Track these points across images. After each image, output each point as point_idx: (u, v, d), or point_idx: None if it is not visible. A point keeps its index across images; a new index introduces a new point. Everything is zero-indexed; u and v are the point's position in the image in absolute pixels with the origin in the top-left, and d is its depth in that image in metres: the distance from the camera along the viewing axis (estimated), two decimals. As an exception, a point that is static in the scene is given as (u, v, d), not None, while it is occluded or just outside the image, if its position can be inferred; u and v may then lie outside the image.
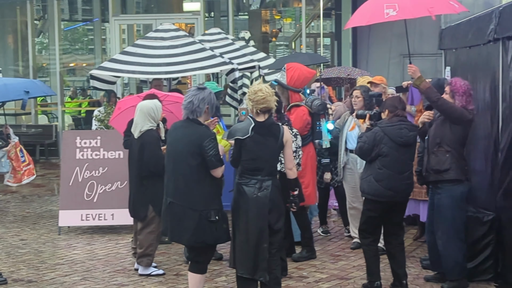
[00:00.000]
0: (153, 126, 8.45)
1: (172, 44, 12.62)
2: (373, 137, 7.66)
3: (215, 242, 7.06)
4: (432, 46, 18.04)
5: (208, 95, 6.96)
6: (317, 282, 8.25)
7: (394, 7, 8.01)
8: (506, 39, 8.00)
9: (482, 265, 8.14)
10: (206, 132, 6.89)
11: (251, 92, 6.98)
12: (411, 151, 7.79)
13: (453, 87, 7.92)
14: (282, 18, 24.91)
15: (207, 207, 6.84)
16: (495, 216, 8.09)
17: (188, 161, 6.82)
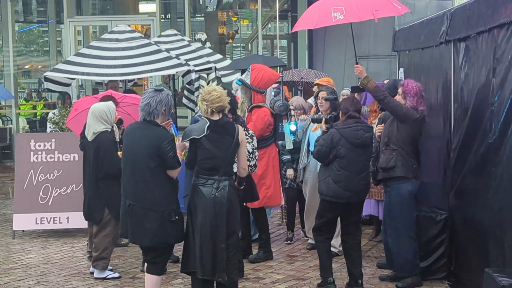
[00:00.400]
0: (107, 128, 8.41)
1: (128, 45, 12.57)
2: (330, 139, 7.70)
3: (176, 241, 7.03)
4: (386, 48, 18.21)
5: (166, 97, 6.95)
6: (274, 283, 8.27)
7: (341, 10, 8.10)
8: (457, 41, 8.13)
9: (436, 264, 8.23)
10: (164, 134, 6.89)
11: (205, 92, 6.99)
12: (367, 152, 7.86)
13: (405, 88, 8.00)
14: (238, 19, 24.92)
15: (167, 207, 6.84)
16: (448, 215, 8.20)
17: (148, 163, 6.80)
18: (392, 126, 8.04)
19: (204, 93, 6.99)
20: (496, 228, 6.77)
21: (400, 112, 7.89)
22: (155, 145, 6.77)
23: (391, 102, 7.91)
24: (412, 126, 7.92)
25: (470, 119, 7.59)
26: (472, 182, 7.50)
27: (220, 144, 6.95)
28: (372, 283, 8.22)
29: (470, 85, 7.67)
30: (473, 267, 7.59)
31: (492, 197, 6.87)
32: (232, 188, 7.02)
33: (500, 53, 6.70)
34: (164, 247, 6.97)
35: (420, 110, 7.92)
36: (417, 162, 8.00)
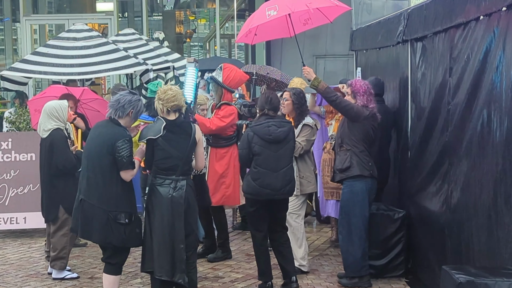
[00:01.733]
0: (58, 126, 8.31)
1: (85, 44, 12.54)
2: (246, 139, 7.65)
3: (123, 244, 6.95)
4: (343, 47, 18.34)
5: (136, 101, 6.93)
6: (233, 282, 8.28)
7: (275, 8, 8.27)
8: (414, 41, 8.22)
9: (394, 262, 8.29)
10: (121, 133, 6.85)
11: (161, 91, 6.98)
12: (285, 147, 7.71)
13: (354, 87, 8.08)
14: (196, 19, 24.90)
15: (116, 208, 6.80)
16: (405, 213, 8.28)
17: (100, 160, 6.80)
18: (344, 127, 8.12)
19: (159, 93, 6.98)
20: (453, 226, 6.86)
21: (351, 112, 7.94)
22: (109, 143, 6.77)
23: (342, 103, 7.97)
24: (363, 124, 7.97)
25: (427, 118, 7.68)
26: (429, 181, 7.57)
27: (176, 143, 6.94)
28: (331, 281, 8.26)
29: (427, 84, 7.76)
30: (430, 265, 7.68)
31: (449, 195, 6.95)
32: (189, 187, 7.01)
33: (456, 53, 6.79)
34: (111, 247, 6.94)
35: (370, 108, 7.98)
36: (372, 160, 8.07)
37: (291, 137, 7.78)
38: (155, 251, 6.91)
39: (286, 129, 7.70)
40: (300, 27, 9.00)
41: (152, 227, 6.94)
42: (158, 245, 6.90)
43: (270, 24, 8.70)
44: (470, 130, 6.43)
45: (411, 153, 8.26)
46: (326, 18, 9.05)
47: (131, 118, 6.99)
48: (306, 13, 8.68)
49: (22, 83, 12.69)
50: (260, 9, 8.65)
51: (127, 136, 6.84)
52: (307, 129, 8.36)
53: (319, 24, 9.20)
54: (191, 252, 7.10)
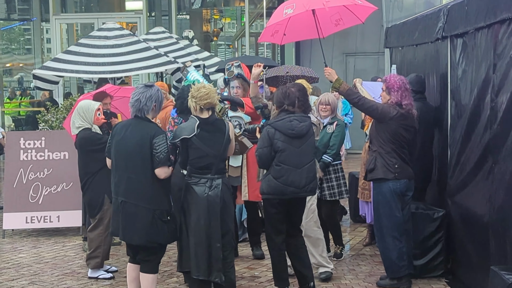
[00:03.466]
0: (84, 126, 8.23)
1: (116, 43, 12.51)
2: (266, 136, 7.34)
3: (166, 242, 6.96)
4: (373, 45, 18.31)
5: (156, 93, 6.87)
6: (270, 282, 8.17)
7: (292, 6, 8.18)
8: (454, 37, 8.09)
9: (433, 262, 8.18)
10: (157, 130, 6.83)
11: (194, 89, 6.90)
12: (307, 143, 7.40)
13: (388, 83, 7.87)
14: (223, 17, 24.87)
15: (159, 206, 6.78)
16: (444, 212, 8.15)
17: (141, 158, 6.74)
18: (372, 128, 8.00)
19: (193, 90, 6.91)
20: (497, 225, 6.73)
21: (376, 113, 7.78)
22: (147, 141, 6.72)
23: (365, 104, 7.81)
24: (390, 124, 7.74)
25: (468, 115, 7.54)
26: (471, 179, 7.45)
27: (211, 142, 6.88)
28: (369, 281, 8.16)
29: (468, 81, 7.63)
30: (472, 265, 7.56)
31: (493, 194, 6.83)
32: (225, 186, 6.95)
33: (501, 49, 6.65)
34: (154, 246, 6.89)
35: (404, 104, 7.76)
36: (401, 161, 7.83)
37: (312, 132, 7.51)
38: (192, 251, 6.85)
39: (308, 123, 7.42)
40: (331, 28, 8.89)
41: (188, 227, 6.89)
42: (195, 245, 6.83)
43: (300, 25, 8.64)
44: (516, 127, 6.31)
45: (451, 151, 8.13)
46: (358, 18, 8.95)
47: (156, 111, 6.96)
48: (337, 14, 8.57)
49: (54, 82, 12.70)
50: (279, 8, 8.58)
51: (163, 132, 6.81)
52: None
53: (350, 25, 9.07)
54: (228, 251, 7.03)
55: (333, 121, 8.87)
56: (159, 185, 6.80)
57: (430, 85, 8.95)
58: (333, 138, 8.80)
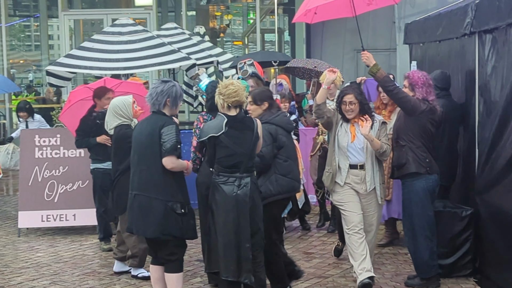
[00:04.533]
0: (124, 122, 8.11)
1: (130, 39, 12.35)
2: (269, 134, 7.18)
3: (182, 235, 6.78)
4: (385, 41, 18.16)
5: (169, 88, 6.77)
6: (296, 282, 8.03)
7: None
8: (482, 33, 7.94)
9: (461, 261, 8.05)
10: (168, 121, 6.74)
11: (222, 86, 6.76)
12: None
13: (411, 80, 7.76)
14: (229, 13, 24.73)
15: (172, 198, 6.67)
16: (473, 211, 8.02)
17: (152, 150, 6.68)
18: (400, 121, 7.85)
19: (221, 86, 6.76)
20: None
21: (408, 105, 7.63)
22: (156, 131, 6.67)
23: (400, 94, 7.64)
24: (420, 118, 7.66)
25: (501, 112, 7.38)
26: (504, 177, 7.30)
27: (240, 140, 6.73)
28: (397, 281, 8.03)
29: (499, 77, 7.48)
30: (502, 264, 7.43)
31: (528, 192, 6.70)
32: (254, 184, 6.80)
33: (538, 44, 6.52)
34: (168, 239, 6.76)
35: (430, 100, 7.69)
36: (430, 155, 7.77)
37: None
38: (221, 251, 6.71)
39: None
40: (364, 7, 8.69)
41: (217, 227, 6.74)
42: (224, 245, 6.69)
43: (332, 4, 8.48)
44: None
45: (480, 149, 7.99)
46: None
47: (171, 106, 6.83)
48: None
49: (66, 78, 12.54)
50: None
51: (172, 123, 6.70)
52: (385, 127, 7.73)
53: (384, 4, 8.96)
54: (258, 251, 6.89)
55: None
56: (171, 177, 6.70)
57: (455, 82, 8.80)
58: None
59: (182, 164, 6.78)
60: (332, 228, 10.29)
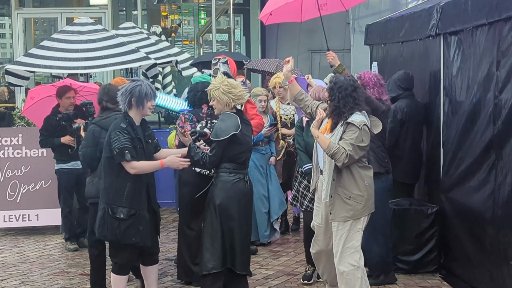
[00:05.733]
0: None
1: (90, 38, 12.26)
2: (92, 136, 7.26)
3: (116, 240, 6.57)
4: (339, 42, 18.32)
5: (133, 87, 6.56)
6: (266, 279, 8.15)
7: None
8: (448, 34, 8.13)
9: (427, 257, 8.23)
10: (116, 125, 6.63)
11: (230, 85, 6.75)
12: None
13: (363, 80, 7.78)
14: (182, 13, 24.66)
15: (114, 202, 6.53)
16: (438, 208, 8.20)
17: (105, 153, 6.67)
18: None
19: (230, 87, 6.73)
20: (502, 221, 6.78)
21: (372, 105, 7.55)
22: (108, 134, 6.64)
23: (365, 94, 7.57)
24: (379, 118, 7.55)
25: (467, 112, 7.57)
26: (470, 176, 7.48)
27: (248, 137, 6.94)
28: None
29: (465, 78, 7.67)
30: (467, 259, 7.62)
31: (497, 189, 6.87)
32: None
33: (505, 46, 6.70)
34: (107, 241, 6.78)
35: (385, 100, 7.77)
36: (387, 154, 7.90)
37: None
38: (238, 248, 6.80)
39: None
40: (314, 13, 8.92)
41: (233, 225, 6.77)
42: (241, 242, 6.82)
43: (286, 7, 8.64)
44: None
45: (445, 148, 8.18)
46: (342, 5, 9.03)
47: (136, 106, 6.59)
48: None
49: (25, 77, 12.42)
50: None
51: (119, 128, 6.55)
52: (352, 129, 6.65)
53: (334, 11, 9.16)
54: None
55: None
56: (115, 180, 6.56)
57: (419, 82, 8.98)
58: None
59: (144, 167, 6.60)
60: (295, 226, 10.43)
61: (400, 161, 8.64)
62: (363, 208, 6.70)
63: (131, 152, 6.51)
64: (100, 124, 7.28)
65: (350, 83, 6.76)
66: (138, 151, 6.57)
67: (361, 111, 6.73)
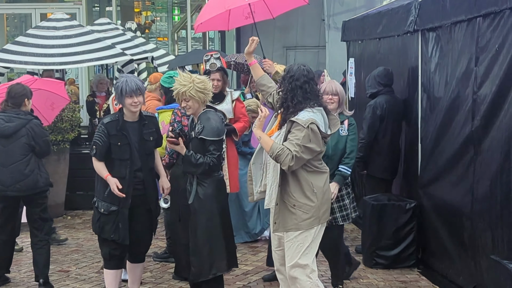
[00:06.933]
0: None
1: (66, 34, 12.23)
2: None
3: (97, 233, 6.72)
4: (314, 39, 18.42)
5: (115, 84, 6.70)
6: (246, 275, 8.15)
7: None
8: (426, 31, 8.19)
9: (405, 252, 8.29)
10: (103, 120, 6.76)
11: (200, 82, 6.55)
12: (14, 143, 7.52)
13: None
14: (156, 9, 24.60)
15: (98, 196, 6.69)
16: (416, 204, 8.27)
17: None
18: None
19: (199, 84, 6.52)
20: (481, 215, 6.84)
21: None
22: None
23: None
24: None
25: (445, 108, 7.63)
26: (449, 171, 7.55)
27: None
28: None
29: (443, 74, 7.73)
30: (445, 254, 7.70)
31: (475, 184, 6.94)
32: None
33: (484, 42, 6.77)
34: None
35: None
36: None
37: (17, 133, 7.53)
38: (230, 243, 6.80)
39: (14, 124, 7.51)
40: (241, 21, 9.07)
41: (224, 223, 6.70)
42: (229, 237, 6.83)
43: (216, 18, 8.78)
44: (502, 119, 6.42)
45: (423, 144, 8.24)
46: (270, 13, 9.13)
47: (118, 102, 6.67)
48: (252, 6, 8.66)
49: (0, 73, 12.38)
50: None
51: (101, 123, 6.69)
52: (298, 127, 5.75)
53: (261, 19, 9.24)
54: None
55: (342, 119, 6.98)
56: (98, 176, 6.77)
57: (396, 78, 9.03)
58: (350, 142, 7.17)
59: (98, 167, 6.65)
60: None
61: (379, 156, 8.73)
62: (311, 218, 5.79)
63: (98, 149, 6.59)
64: None
65: (303, 73, 5.85)
66: (120, 148, 6.59)
67: (313, 107, 5.83)
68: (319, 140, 5.75)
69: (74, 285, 7.89)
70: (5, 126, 7.47)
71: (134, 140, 6.66)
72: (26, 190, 7.51)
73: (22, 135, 7.52)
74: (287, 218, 5.78)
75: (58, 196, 11.09)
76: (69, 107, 11.29)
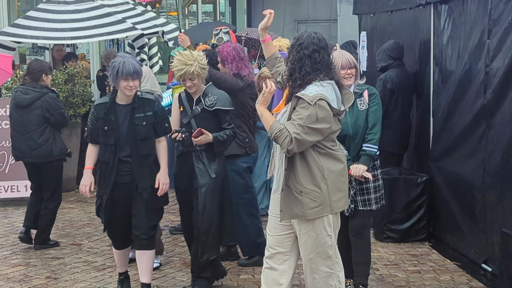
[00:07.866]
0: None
1: (77, 8, 12.23)
2: None
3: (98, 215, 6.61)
4: (325, 13, 18.32)
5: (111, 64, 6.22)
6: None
7: None
8: (438, 3, 8.14)
9: (416, 226, 8.29)
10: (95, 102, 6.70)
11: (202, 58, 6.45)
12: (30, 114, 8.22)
13: (221, 55, 7.33)
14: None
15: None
16: (427, 178, 8.25)
17: None
18: None
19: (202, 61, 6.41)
20: (492, 189, 6.83)
21: (224, 85, 6.95)
22: None
23: (213, 75, 6.92)
24: (239, 96, 7.16)
25: (457, 81, 7.60)
26: (461, 145, 7.53)
27: None
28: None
29: (456, 47, 7.69)
30: (456, 228, 7.70)
31: (487, 158, 6.92)
32: None
33: (497, 14, 6.72)
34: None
35: (244, 75, 7.27)
36: (250, 134, 7.39)
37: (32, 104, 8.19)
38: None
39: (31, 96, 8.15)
40: None
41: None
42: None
43: None
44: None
45: (435, 117, 8.21)
46: None
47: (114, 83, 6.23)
48: None
49: (11, 48, 12.34)
50: None
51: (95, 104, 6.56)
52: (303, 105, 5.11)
53: None
54: None
55: (361, 89, 6.34)
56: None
57: (408, 51, 8.99)
58: (372, 114, 6.29)
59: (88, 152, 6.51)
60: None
61: (389, 130, 8.65)
62: (319, 207, 5.19)
63: (88, 131, 6.48)
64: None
65: (313, 41, 5.18)
66: (106, 133, 6.28)
67: (323, 80, 5.19)
68: (330, 118, 5.10)
69: (87, 258, 7.92)
70: (21, 97, 8.24)
71: (123, 125, 6.26)
72: (39, 158, 8.21)
73: (37, 107, 8.22)
74: (293, 205, 5.20)
75: (70, 170, 11.09)
76: (80, 82, 11.30)
